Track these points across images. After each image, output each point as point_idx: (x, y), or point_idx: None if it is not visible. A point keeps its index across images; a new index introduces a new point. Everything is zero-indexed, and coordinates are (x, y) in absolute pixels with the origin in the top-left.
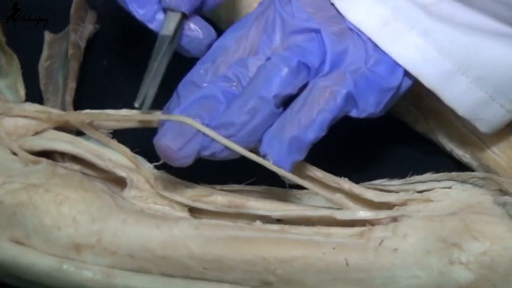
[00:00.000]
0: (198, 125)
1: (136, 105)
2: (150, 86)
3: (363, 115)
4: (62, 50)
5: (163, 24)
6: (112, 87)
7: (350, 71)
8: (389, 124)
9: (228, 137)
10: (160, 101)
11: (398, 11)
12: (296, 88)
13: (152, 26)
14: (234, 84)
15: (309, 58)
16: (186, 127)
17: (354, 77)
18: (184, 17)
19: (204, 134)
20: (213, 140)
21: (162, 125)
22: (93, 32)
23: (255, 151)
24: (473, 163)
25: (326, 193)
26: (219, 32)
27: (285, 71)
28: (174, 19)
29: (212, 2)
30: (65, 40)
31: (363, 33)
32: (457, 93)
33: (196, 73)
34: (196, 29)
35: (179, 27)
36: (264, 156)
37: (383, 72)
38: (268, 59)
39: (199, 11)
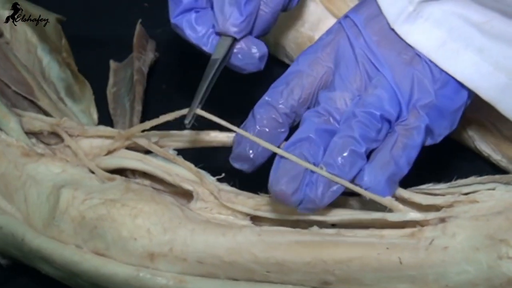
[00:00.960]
0: (319, 170)
1: (186, 122)
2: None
3: (439, 139)
4: (127, 77)
5: (215, 48)
6: (171, 109)
7: (421, 106)
8: None
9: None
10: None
11: (454, 32)
12: (380, 142)
13: (206, 49)
14: (325, 118)
15: (387, 109)
16: (295, 169)
17: (427, 110)
18: (236, 40)
19: (311, 172)
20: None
21: (239, 143)
22: (154, 59)
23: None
24: (510, 167)
25: (377, 197)
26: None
27: (371, 129)
28: (225, 43)
29: (261, 29)
30: (128, 67)
31: (426, 56)
32: None
33: (271, 94)
34: (246, 47)
35: (231, 49)
36: (366, 189)
37: (450, 93)
38: (353, 114)
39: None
